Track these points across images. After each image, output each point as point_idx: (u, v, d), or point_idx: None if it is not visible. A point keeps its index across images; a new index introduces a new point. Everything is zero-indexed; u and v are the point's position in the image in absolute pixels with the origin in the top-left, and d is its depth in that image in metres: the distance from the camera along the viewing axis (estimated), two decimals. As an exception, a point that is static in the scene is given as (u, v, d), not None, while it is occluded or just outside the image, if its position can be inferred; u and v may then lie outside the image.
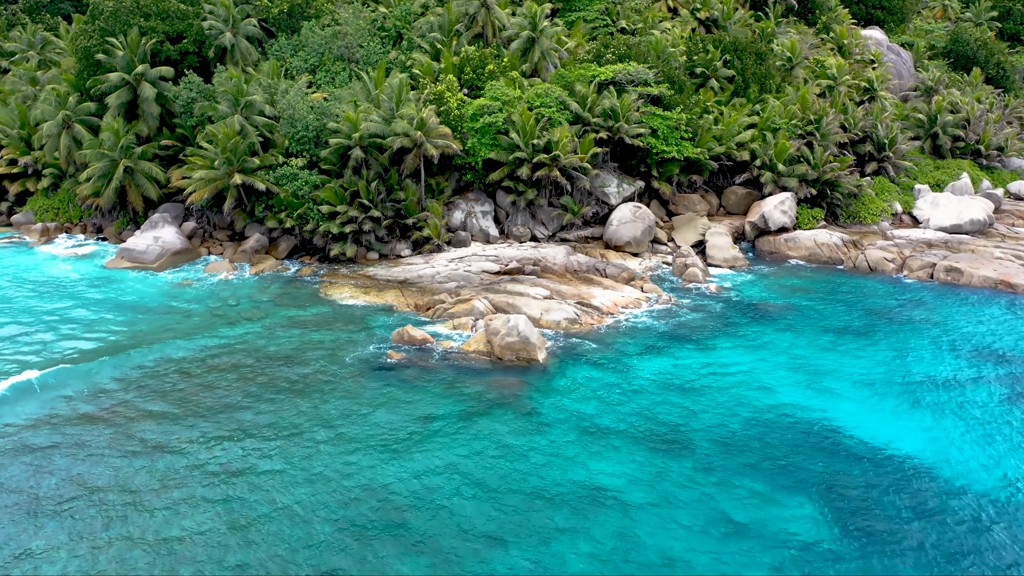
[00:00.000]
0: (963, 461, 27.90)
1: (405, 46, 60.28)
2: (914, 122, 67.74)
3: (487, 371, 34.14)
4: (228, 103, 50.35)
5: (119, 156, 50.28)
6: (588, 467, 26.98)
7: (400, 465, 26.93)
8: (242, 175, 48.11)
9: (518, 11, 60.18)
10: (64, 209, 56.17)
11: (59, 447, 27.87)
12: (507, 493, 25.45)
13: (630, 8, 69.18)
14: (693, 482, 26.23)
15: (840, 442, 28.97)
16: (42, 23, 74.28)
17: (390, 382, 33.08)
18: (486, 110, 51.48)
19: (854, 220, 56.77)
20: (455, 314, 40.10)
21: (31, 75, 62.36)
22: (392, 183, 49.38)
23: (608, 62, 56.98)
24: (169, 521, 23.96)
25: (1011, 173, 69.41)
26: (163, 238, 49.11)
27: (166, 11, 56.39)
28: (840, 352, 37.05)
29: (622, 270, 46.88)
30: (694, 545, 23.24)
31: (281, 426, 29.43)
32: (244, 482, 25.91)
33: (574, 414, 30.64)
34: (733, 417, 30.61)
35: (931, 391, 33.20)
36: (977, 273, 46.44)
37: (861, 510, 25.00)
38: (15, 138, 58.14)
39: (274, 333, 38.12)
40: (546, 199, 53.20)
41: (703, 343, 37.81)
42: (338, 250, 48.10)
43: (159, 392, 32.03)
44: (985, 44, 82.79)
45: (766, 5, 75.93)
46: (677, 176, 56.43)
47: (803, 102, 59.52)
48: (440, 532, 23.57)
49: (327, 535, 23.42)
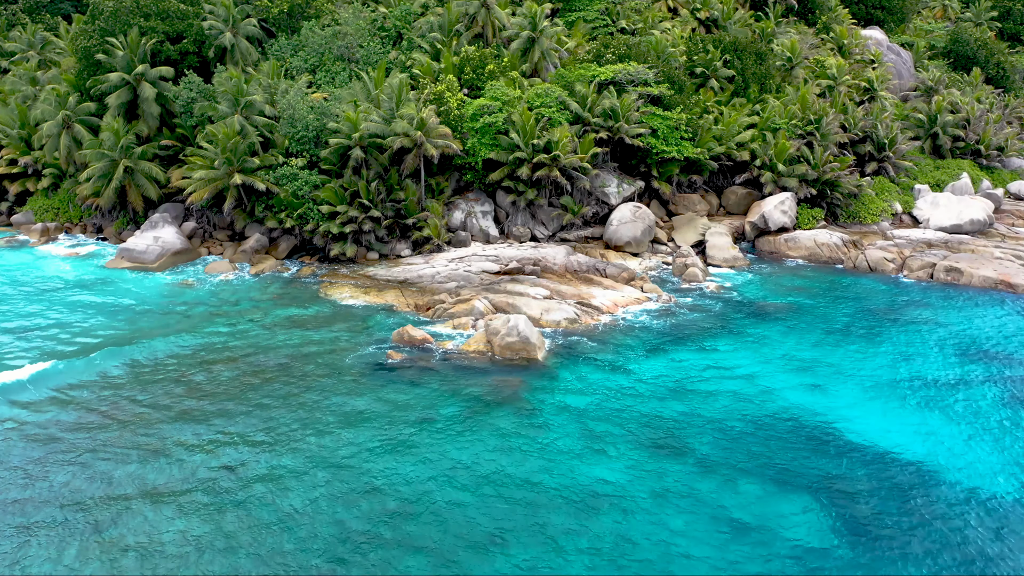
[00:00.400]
0: (964, 462, 27.89)
1: (405, 46, 60.29)
2: (914, 122, 67.76)
3: (487, 371, 34.14)
4: (228, 103, 50.36)
5: (119, 156, 50.29)
6: (588, 467, 26.97)
7: (400, 465, 26.94)
8: (242, 175, 48.12)
9: (518, 11, 60.19)
10: (64, 209, 56.18)
11: (56, 446, 27.84)
12: (507, 493, 25.45)
13: (630, 8, 69.20)
14: (693, 482, 26.23)
15: (840, 443, 28.97)
16: (42, 23, 74.26)
17: (390, 382, 33.08)
18: (486, 110, 51.49)
19: (854, 220, 56.78)
20: (455, 314, 40.11)
21: (31, 75, 62.36)
22: (392, 183, 49.40)
23: (608, 62, 56.99)
24: (167, 521, 23.95)
25: (1011, 173, 69.43)
26: (163, 238, 49.12)
27: (166, 11, 56.40)
28: (840, 352, 37.05)
29: (622, 270, 46.89)
30: (694, 545, 23.24)
31: (280, 426, 29.44)
32: (243, 482, 25.91)
33: (574, 414, 30.64)
34: (733, 417, 30.62)
35: (932, 392, 33.20)
36: (977, 273, 46.43)
37: (861, 511, 24.98)
38: (15, 138, 58.15)
39: (274, 333, 38.13)
40: (546, 199, 53.21)
41: (703, 343, 37.81)
42: (338, 250, 48.11)
43: (158, 392, 32.02)
44: (985, 44, 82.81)
45: (766, 5, 75.94)
46: (677, 176, 56.45)
47: (803, 102, 59.53)
48: (440, 532, 23.57)
49: (327, 535, 23.42)
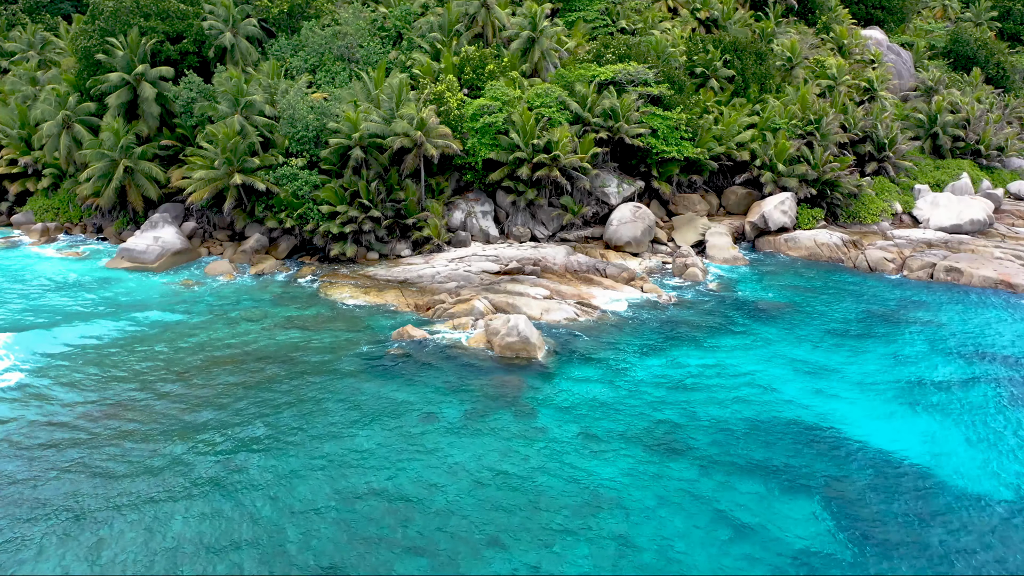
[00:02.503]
0: (964, 462, 27.89)
1: (405, 46, 60.29)
2: (914, 122, 67.75)
3: (487, 371, 34.13)
4: (228, 103, 50.35)
5: (119, 156, 50.28)
6: (588, 468, 26.98)
7: (400, 465, 26.95)
8: (242, 175, 48.11)
9: (518, 11, 60.20)
10: (64, 209, 56.17)
11: (54, 446, 27.85)
12: (507, 494, 25.45)
13: (630, 8, 69.20)
14: (693, 483, 26.23)
15: (840, 443, 28.97)
16: (42, 23, 74.26)
17: (390, 382, 33.08)
18: (486, 110, 51.48)
19: (854, 220, 56.77)
20: (455, 314, 40.10)
21: (31, 75, 62.35)
22: (392, 183, 49.39)
23: (608, 62, 56.99)
24: (167, 521, 23.96)
25: (1011, 173, 69.42)
26: (163, 238, 49.11)
27: (166, 11, 56.39)
28: (840, 352, 37.04)
29: (622, 270, 46.88)
30: (694, 546, 23.24)
31: (280, 426, 29.44)
32: (243, 482, 25.91)
33: (574, 414, 30.63)
34: (733, 418, 30.62)
35: (932, 392, 33.20)
36: (977, 273, 46.43)
37: (861, 512, 24.99)
38: (15, 138, 58.14)
39: (274, 333, 38.13)
40: (546, 199, 53.20)
41: (703, 343, 37.81)
42: (338, 250, 48.10)
43: (158, 391, 32.02)
44: (985, 44, 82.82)
45: (766, 5, 75.95)
46: (677, 176, 56.45)
47: (803, 102, 59.52)
48: (440, 533, 23.58)
49: (326, 535, 23.42)
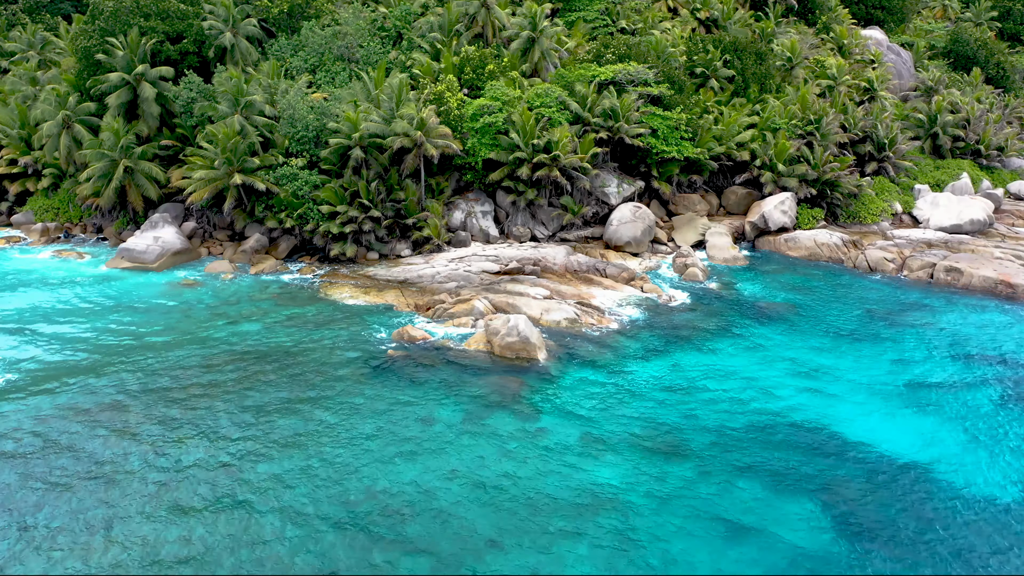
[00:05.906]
0: (963, 463, 27.89)
1: (405, 46, 60.28)
2: (914, 122, 67.76)
3: (487, 371, 34.12)
4: (228, 103, 50.34)
5: (119, 156, 50.26)
6: (588, 469, 26.96)
7: (399, 466, 26.94)
8: (242, 175, 48.11)
9: (518, 11, 60.19)
10: (64, 209, 56.15)
11: (51, 447, 27.85)
12: (507, 495, 25.44)
13: (630, 8, 69.20)
14: (693, 484, 26.21)
15: (840, 444, 28.97)
16: (42, 23, 74.21)
17: (389, 382, 33.07)
18: (486, 110, 51.48)
19: (854, 220, 56.78)
20: (455, 314, 40.10)
21: (31, 75, 62.31)
22: (392, 183, 49.39)
23: (608, 62, 56.98)
24: (166, 521, 23.96)
25: (1011, 173, 69.43)
26: (163, 238, 49.10)
27: (166, 11, 56.38)
28: (840, 353, 37.04)
29: (622, 270, 46.88)
30: (694, 548, 23.23)
31: (280, 426, 29.43)
32: (242, 482, 25.91)
33: (574, 415, 30.62)
34: (733, 419, 30.61)
35: (931, 393, 33.20)
36: (977, 273, 46.42)
37: (861, 513, 24.99)
38: (15, 138, 58.11)
39: (273, 333, 38.12)
40: (546, 199, 53.20)
41: (703, 344, 37.81)
42: (338, 250, 48.10)
43: (157, 391, 32.01)
44: (985, 44, 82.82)
45: (766, 5, 75.95)
46: (677, 176, 56.46)
47: (803, 102, 59.52)
48: (440, 534, 23.57)
49: (326, 536, 23.42)
